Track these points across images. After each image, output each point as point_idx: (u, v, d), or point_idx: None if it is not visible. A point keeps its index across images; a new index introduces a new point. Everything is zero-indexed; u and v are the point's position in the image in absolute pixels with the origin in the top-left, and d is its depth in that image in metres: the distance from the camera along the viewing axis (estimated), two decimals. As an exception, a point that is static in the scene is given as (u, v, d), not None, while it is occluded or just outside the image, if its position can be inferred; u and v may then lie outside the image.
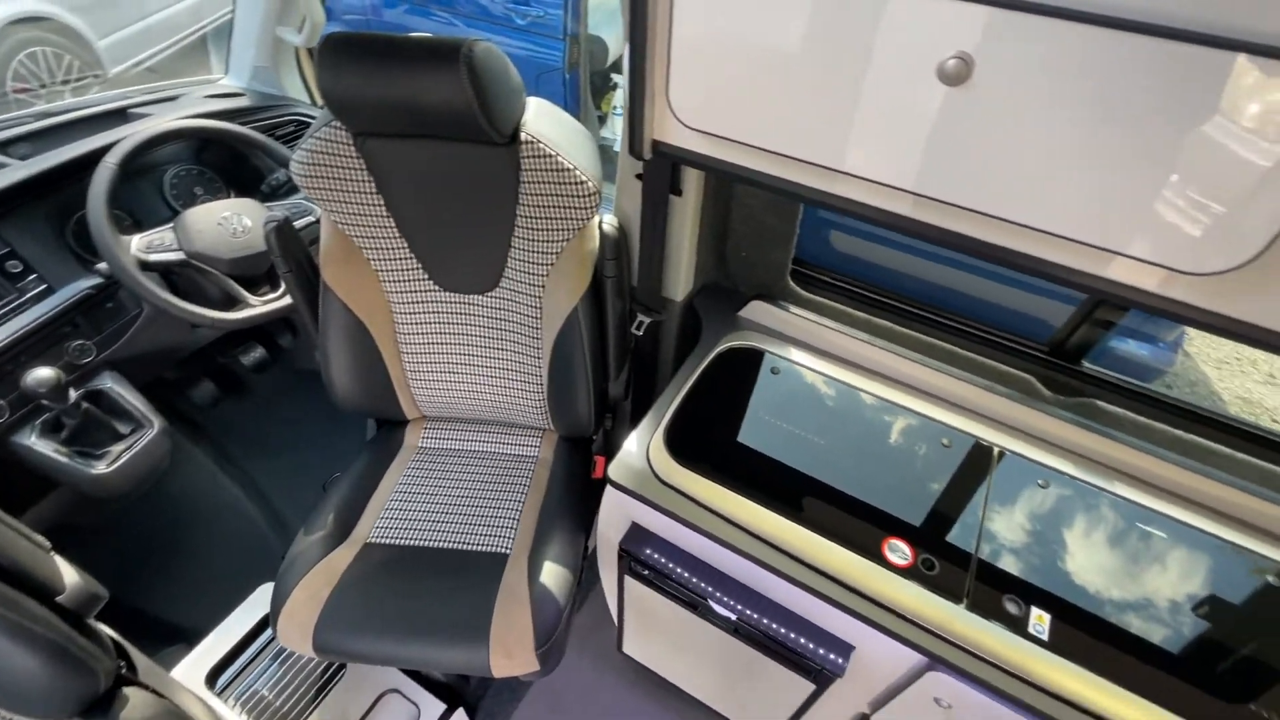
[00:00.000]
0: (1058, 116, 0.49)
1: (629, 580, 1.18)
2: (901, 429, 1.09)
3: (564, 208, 1.09)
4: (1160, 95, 0.45)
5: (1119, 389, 1.06)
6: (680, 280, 1.24)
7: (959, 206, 0.58)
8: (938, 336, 1.16)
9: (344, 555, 1.18)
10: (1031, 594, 0.88)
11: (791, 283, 1.22)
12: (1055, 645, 0.83)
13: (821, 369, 1.16)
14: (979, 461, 1.04)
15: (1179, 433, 1.02)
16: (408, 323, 1.29)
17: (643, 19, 0.60)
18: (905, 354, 1.15)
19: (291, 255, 1.19)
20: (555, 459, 1.42)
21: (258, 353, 1.83)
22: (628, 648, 1.50)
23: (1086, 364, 1.09)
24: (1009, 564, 0.91)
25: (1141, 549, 0.94)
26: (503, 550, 1.23)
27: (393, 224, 1.18)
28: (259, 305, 1.37)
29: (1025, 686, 0.82)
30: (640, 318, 1.27)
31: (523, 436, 1.46)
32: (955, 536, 0.94)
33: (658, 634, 1.32)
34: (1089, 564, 0.92)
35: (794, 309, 1.22)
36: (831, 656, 1.00)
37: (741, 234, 1.20)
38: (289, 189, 1.59)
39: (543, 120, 1.08)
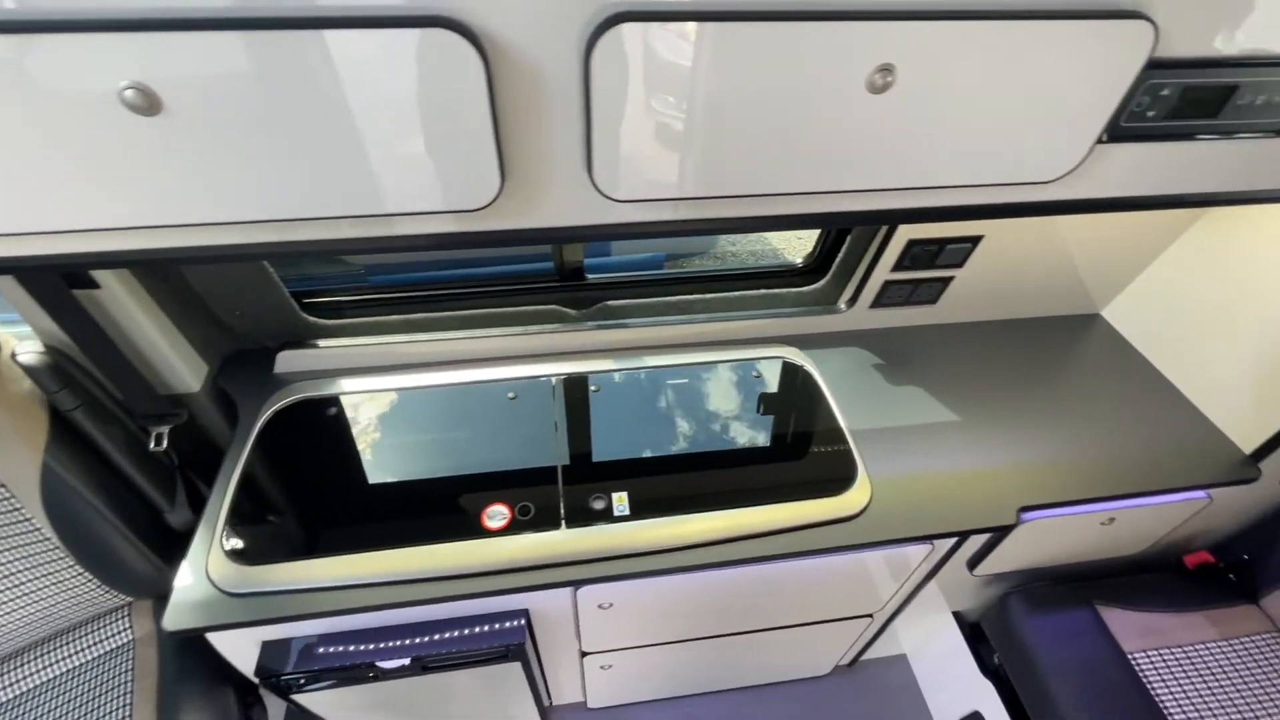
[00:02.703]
0: (269, 122, 0.50)
1: (298, 696, 1.05)
2: (470, 403, 1.13)
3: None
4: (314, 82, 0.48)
5: (616, 285, 1.26)
6: (181, 369, 1.06)
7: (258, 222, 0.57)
8: (472, 306, 1.22)
9: None
10: (609, 484, 1.01)
11: (309, 318, 1.15)
12: (636, 512, 0.98)
13: (378, 386, 1.14)
14: (542, 398, 1.14)
15: (668, 299, 1.26)
16: None
17: None
18: (449, 335, 1.18)
19: None
20: (158, 627, 1.15)
21: None
22: (364, 748, 1.36)
23: (590, 276, 1.27)
24: (587, 471, 1.03)
25: (674, 399, 1.16)
26: (117, 778, 0.97)
27: None
28: None
29: (633, 559, 0.96)
30: (155, 429, 1.06)
31: (101, 629, 1.15)
32: (540, 473, 1.03)
33: (371, 719, 1.22)
34: (643, 433, 1.10)
35: (324, 342, 1.15)
36: (511, 627, 1.04)
37: (218, 294, 1.07)
38: None
39: None
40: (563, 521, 0.96)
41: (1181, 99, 0.64)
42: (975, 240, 1.15)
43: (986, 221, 1.11)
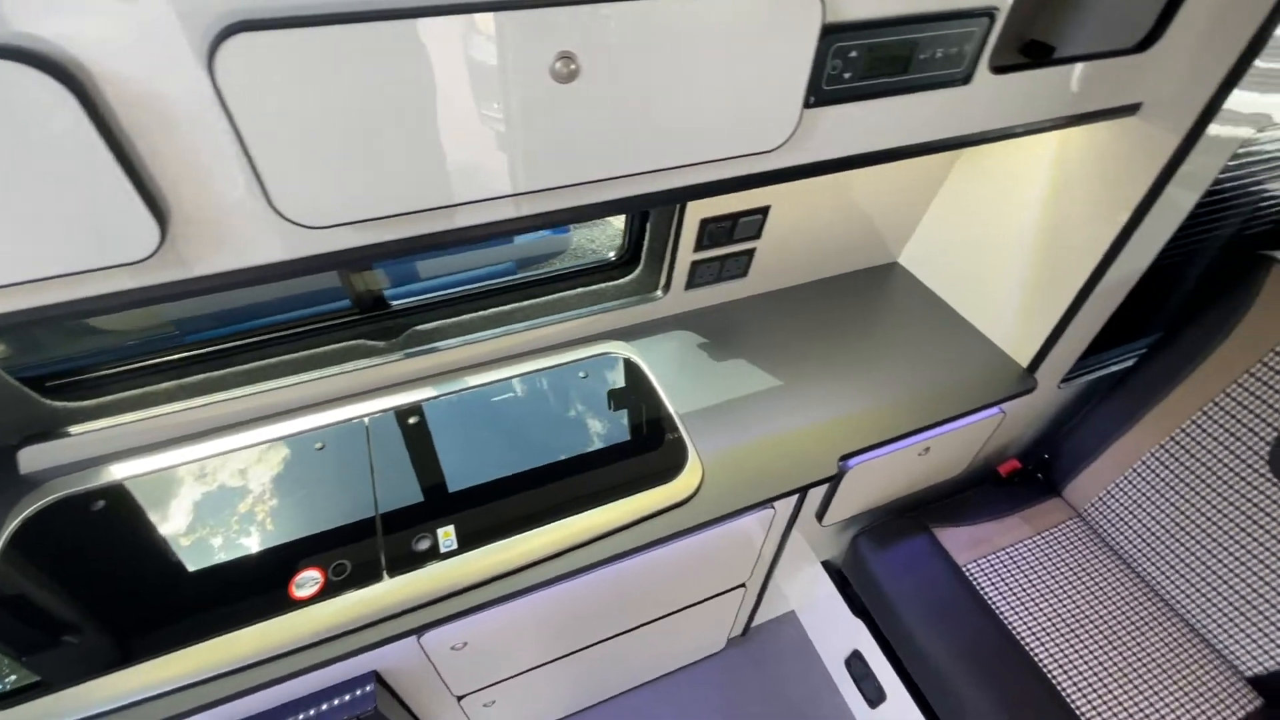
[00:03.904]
0: None
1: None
2: (272, 462, 1.02)
3: None
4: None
5: (425, 308, 1.19)
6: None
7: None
8: (261, 356, 1.10)
9: None
10: (435, 521, 0.95)
11: (55, 403, 0.99)
12: (465, 544, 0.93)
13: (156, 466, 1.00)
14: (353, 442, 1.05)
15: (484, 313, 1.21)
16: None
17: None
18: (238, 392, 1.06)
19: None
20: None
21: None
22: None
23: (394, 303, 1.19)
24: (408, 512, 0.97)
25: (500, 416, 1.11)
26: None
27: None
28: None
29: (470, 593, 0.91)
30: None
31: None
32: (356, 525, 0.95)
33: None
34: (469, 459, 1.05)
35: (79, 428, 1.00)
36: (359, 695, 0.95)
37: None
38: None
39: None
40: (384, 572, 0.89)
41: (870, 59, 0.68)
42: (764, 210, 1.19)
43: (767, 191, 1.16)
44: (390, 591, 0.88)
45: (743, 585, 1.37)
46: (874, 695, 1.42)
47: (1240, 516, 1.13)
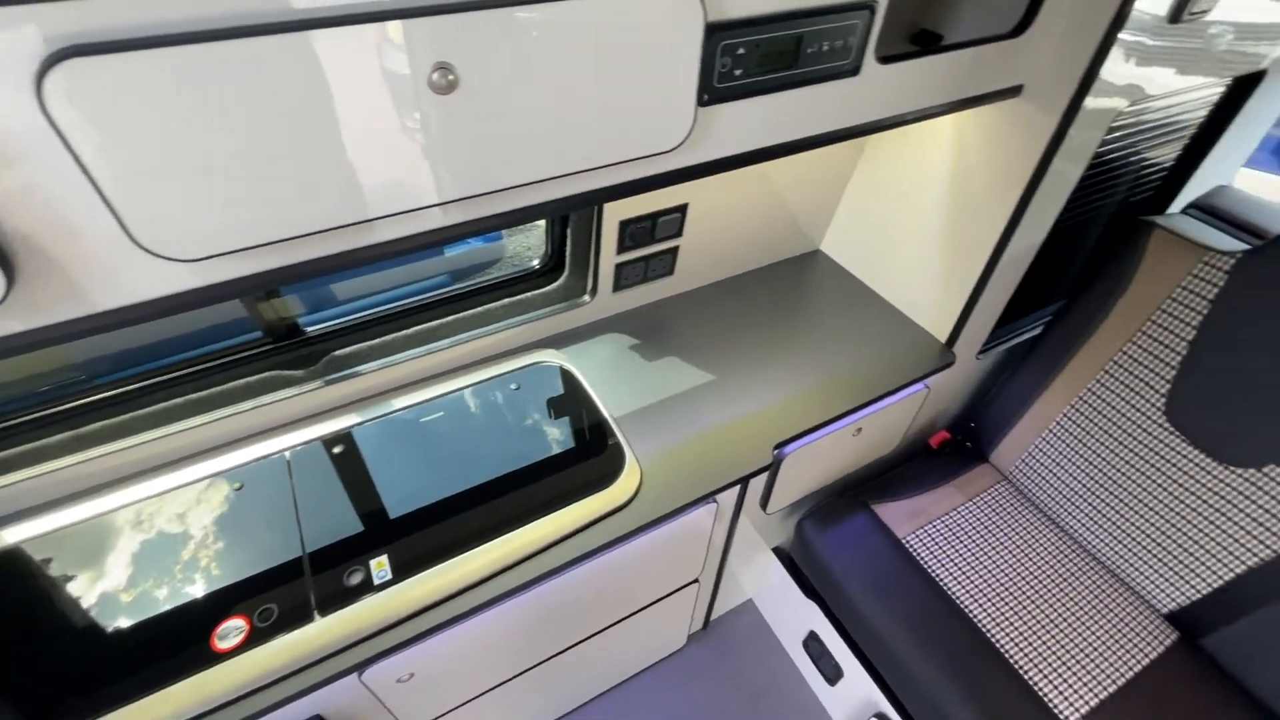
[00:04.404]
0: None
1: None
2: (186, 509, 0.96)
3: None
4: None
5: (342, 332, 1.15)
6: None
7: None
8: (168, 396, 1.03)
9: None
10: (366, 551, 0.92)
11: (-72, 470, 0.90)
12: (400, 573, 0.89)
13: (56, 524, 0.93)
14: (274, 478, 1.00)
15: (406, 332, 1.18)
16: None
17: None
18: (144, 436, 1.00)
19: None
20: None
21: None
22: None
23: (309, 329, 1.14)
24: (338, 546, 0.93)
25: (430, 437, 1.08)
26: None
27: None
28: None
29: (409, 622, 0.88)
30: None
31: None
32: (282, 566, 0.90)
33: None
34: (400, 485, 1.01)
35: (-40, 493, 0.92)
36: (301, 744, 0.91)
37: None
38: None
39: None
40: (315, 612, 0.85)
41: (758, 55, 0.69)
42: (681, 209, 1.20)
43: (682, 188, 1.16)
44: (322, 632, 0.84)
45: (696, 581, 1.38)
46: (831, 673, 1.45)
47: (1145, 465, 1.21)
